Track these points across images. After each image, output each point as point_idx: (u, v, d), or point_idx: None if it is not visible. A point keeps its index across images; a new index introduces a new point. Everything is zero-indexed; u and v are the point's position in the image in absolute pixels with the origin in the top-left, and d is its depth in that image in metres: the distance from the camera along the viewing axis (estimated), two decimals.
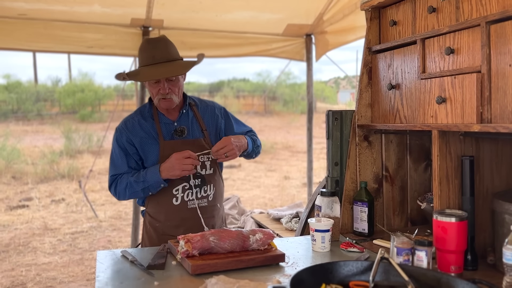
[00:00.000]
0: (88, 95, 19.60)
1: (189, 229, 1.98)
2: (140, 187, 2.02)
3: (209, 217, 2.13)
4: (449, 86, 1.56)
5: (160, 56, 1.99)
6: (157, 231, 2.10)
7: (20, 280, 4.25)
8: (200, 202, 2.09)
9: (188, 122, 2.14)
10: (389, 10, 1.96)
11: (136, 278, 1.47)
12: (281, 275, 1.51)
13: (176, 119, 2.12)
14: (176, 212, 2.07)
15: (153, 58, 1.98)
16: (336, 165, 2.09)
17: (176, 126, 2.10)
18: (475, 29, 1.48)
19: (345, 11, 3.92)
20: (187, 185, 2.06)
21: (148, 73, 1.97)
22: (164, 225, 2.08)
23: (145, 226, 2.16)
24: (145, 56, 2.00)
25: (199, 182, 2.08)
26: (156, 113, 2.11)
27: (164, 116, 2.11)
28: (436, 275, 1.32)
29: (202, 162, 2.10)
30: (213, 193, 2.14)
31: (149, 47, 2.01)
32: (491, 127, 1.38)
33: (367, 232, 1.95)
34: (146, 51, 2.01)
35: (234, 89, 24.40)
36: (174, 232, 2.04)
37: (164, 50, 2.01)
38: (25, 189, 8.84)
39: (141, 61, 2.02)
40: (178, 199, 2.06)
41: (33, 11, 3.64)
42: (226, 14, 4.05)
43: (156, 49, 2.00)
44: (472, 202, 1.55)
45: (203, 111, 2.21)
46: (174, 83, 2.02)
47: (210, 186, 2.12)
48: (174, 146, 2.04)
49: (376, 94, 2.02)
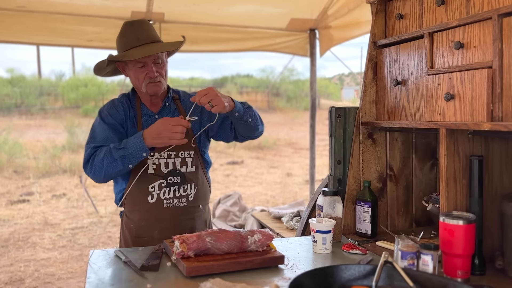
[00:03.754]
0: (91, 89, 19.58)
1: (164, 230, 1.90)
2: (119, 154, 1.81)
3: (188, 218, 2.01)
4: (458, 82, 1.50)
5: (144, 37, 1.92)
6: (131, 233, 1.98)
7: (18, 276, 4.21)
8: (178, 201, 1.97)
9: (170, 114, 2.04)
10: (396, 2, 1.89)
11: (128, 280, 1.41)
12: (280, 278, 1.45)
13: (157, 111, 2.03)
14: (151, 211, 1.95)
15: (137, 40, 1.91)
16: (339, 163, 2.03)
17: (158, 118, 1.97)
18: (486, 22, 1.41)
19: (350, 6, 3.85)
20: (164, 182, 1.95)
21: (137, 52, 1.87)
22: (138, 226, 1.97)
23: (121, 227, 2.06)
24: (129, 40, 1.92)
25: (178, 179, 1.97)
26: (138, 103, 2.02)
27: (146, 107, 2.02)
28: (442, 280, 1.26)
29: (182, 159, 1.98)
30: (194, 193, 2.01)
31: (132, 29, 1.94)
32: (502, 126, 1.31)
33: (370, 233, 1.89)
34: (129, 34, 1.93)
35: (238, 85, 24.34)
36: (148, 234, 1.94)
37: (148, 31, 1.95)
38: (27, 184, 8.82)
39: (124, 45, 1.93)
40: (154, 196, 1.94)
41: (32, 3, 3.59)
42: (228, 7, 3.98)
43: (140, 31, 1.93)
44: (480, 204, 1.49)
45: (185, 103, 2.09)
46: (161, 66, 1.95)
47: (191, 185, 1.99)
48: None
49: (381, 90, 1.96)
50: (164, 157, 1.96)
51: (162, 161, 1.96)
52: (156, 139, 1.78)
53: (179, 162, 1.98)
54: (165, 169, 1.96)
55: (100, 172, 1.86)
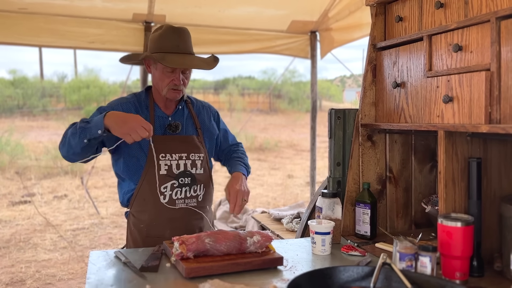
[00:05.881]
0: (93, 91, 19.62)
1: (175, 229, 1.91)
2: (81, 126, 1.80)
3: (197, 218, 2.04)
4: (457, 84, 1.50)
5: (183, 47, 1.97)
6: (141, 233, 2.00)
7: (19, 277, 4.22)
8: (189, 201, 2.01)
9: (183, 118, 2.07)
10: (395, 5, 1.89)
11: (128, 280, 1.42)
12: (279, 279, 1.45)
13: (171, 113, 2.06)
14: (163, 211, 1.96)
15: (177, 47, 1.95)
16: (338, 165, 2.03)
17: (171, 121, 2.03)
18: (484, 25, 1.42)
19: (351, 8, 3.85)
20: (176, 183, 1.97)
21: (176, 60, 1.91)
22: (149, 226, 1.98)
23: (129, 227, 2.06)
24: (170, 44, 1.95)
25: (189, 180, 2.00)
26: (152, 104, 2.04)
27: (160, 109, 2.04)
28: (440, 282, 1.26)
29: (192, 161, 2.02)
30: (203, 194, 2.06)
31: (174, 36, 1.96)
32: (500, 128, 1.32)
33: (370, 234, 1.90)
34: (170, 39, 1.96)
35: (239, 86, 24.36)
36: (160, 233, 1.96)
37: (188, 42, 2.00)
38: (28, 185, 8.83)
39: (161, 47, 1.95)
40: (166, 196, 1.96)
41: (33, 5, 3.60)
42: (229, 9, 3.99)
43: (180, 39, 1.97)
44: (479, 206, 1.49)
45: (198, 110, 2.15)
46: (187, 75, 2.01)
47: (200, 186, 2.04)
48: (164, 142, 1.97)
49: (381, 92, 1.96)
50: (176, 159, 1.99)
51: (173, 162, 1.98)
52: (119, 124, 1.73)
53: (190, 164, 2.01)
54: (177, 170, 1.98)
55: (64, 144, 1.88)
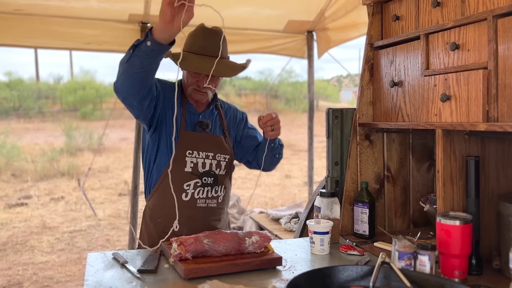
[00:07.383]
0: (89, 92, 19.58)
1: (193, 228, 1.86)
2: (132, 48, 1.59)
3: (216, 219, 2.03)
4: (454, 83, 1.50)
5: (210, 50, 1.89)
6: (158, 228, 1.96)
7: (16, 280, 4.20)
8: (210, 202, 1.99)
9: (213, 118, 2.05)
10: (392, 4, 1.89)
11: (126, 282, 1.41)
12: (278, 279, 1.45)
13: (202, 111, 2.03)
14: (183, 208, 1.88)
15: (203, 48, 1.89)
16: (336, 164, 2.03)
17: (201, 119, 2.01)
18: (481, 24, 1.42)
19: (347, 7, 3.85)
20: (199, 181, 1.95)
21: (196, 63, 1.86)
22: (167, 221, 1.91)
23: (144, 221, 2.03)
24: (196, 44, 1.90)
25: (212, 181, 1.98)
26: (185, 99, 2.01)
27: (191, 105, 2.02)
28: (439, 280, 1.26)
29: (217, 162, 2.00)
30: (223, 195, 2.04)
31: (202, 36, 1.91)
32: (498, 126, 1.32)
33: (368, 234, 1.89)
34: (198, 39, 1.91)
35: (236, 87, 24.32)
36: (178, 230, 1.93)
37: (217, 45, 1.86)
38: (25, 187, 8.80)
39: (189, 46, 1.92)
40: (188, 194, 1.94)
41: (29, 6, 3.58)
42: (225, 9, 3.97)
43: (209, 41, 1.90)
44: (477, 204, 1.49)
45: (226, 111, 2.14)
46: (214, 79, 1.93)
47: (221, 187, 2.02)
48: (193, 138, 1.95)
49: (378, 91, 1.96)
50: (202, 157, 1.97)
51: (199, 160, 1.96)
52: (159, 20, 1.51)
53: (215, 164, 2.00)
54: (202, 169, 1.96)
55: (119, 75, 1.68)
